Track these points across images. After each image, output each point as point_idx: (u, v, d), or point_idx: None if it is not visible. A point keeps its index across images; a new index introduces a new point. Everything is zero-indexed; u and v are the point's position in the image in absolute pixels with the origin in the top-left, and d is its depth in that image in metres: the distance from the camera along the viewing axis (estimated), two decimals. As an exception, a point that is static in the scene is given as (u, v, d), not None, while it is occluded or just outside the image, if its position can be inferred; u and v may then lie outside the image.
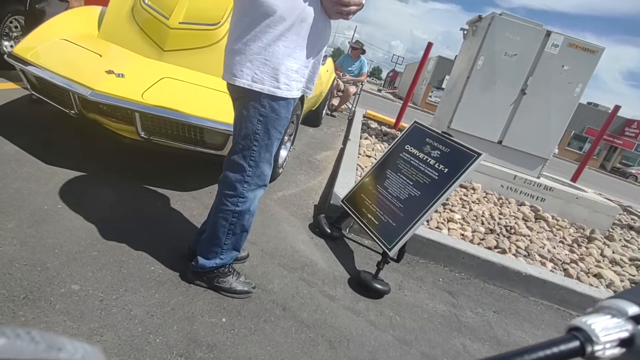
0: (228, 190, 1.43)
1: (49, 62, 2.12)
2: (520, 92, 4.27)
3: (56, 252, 1.50)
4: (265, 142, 1.38)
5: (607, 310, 0.34)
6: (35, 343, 0.16)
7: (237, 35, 1.29)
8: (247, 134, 1.36)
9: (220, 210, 1.45)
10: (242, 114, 1.35)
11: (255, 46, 1.26)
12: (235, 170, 1.41)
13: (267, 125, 1.36)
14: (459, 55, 5.16)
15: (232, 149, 1.43)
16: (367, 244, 2.37)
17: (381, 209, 2.06)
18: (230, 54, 1.31)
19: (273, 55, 1.27)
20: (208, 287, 1.56)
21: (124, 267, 1.53)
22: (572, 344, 0.32)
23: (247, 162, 1.40)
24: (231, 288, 1.55)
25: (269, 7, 1.22)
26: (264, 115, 1.34)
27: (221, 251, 1.50)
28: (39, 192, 1.85)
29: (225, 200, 1.44)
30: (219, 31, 2.46)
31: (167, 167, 2.54)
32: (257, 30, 1.25)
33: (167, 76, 2.21)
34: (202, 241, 1.53)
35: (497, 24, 4.15)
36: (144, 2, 2.49)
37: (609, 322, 0.32)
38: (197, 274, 1.54)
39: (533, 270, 2.42)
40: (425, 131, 2.20)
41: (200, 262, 1.50)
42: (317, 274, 1.91)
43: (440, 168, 1.95)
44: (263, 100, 1.32)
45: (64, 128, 2.62)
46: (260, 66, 1.27)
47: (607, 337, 0.32)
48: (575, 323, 0.33)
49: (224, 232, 1.47)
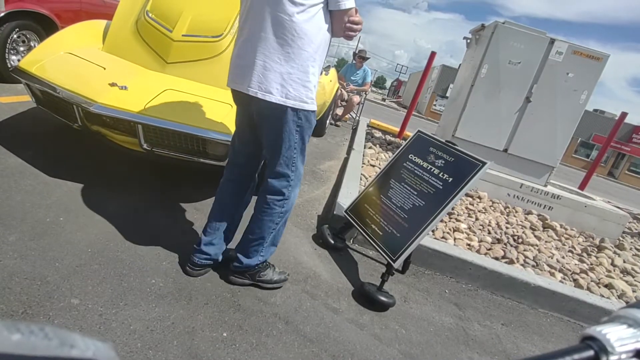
0: (275, 196, 1.59)
1: (53, 76, 2.14)
2: (525, 100, 4.24)
3: (57, 266, 1.48)
4: (301, 148, 1.56)
5: (623, 319, 0.33)
6: (49, 339, 0.17)
7: (268, 53, 1.37)
8: (290, 146, 1.51)
9: (267, 214, 1.59)
10: (280, 128, 1.46)
11: (289, 66, 1.38)
12: (281, 178, 1.57)
13: (303, 134, 1.52)
14: (463, 64, 5.16)
15: (273, 162, 1.56)
16: (371, 255, 2.34)
17: (385, 219, 2.03)
18: (261, 71, 1.38)
19: (304, 74, 1.41)
20: (251, 283, 1.69)
21: (124, 280, 1.52)
22: (586, 354, 0.31)
23: (290, 169, 1.56)
24: (271, 280, 1.71)
25: (305, 35, 1.36)
26: (300, 126, 1.49)
27: (262, 249, 1.65)
28: (42, 204, 1.85)
29: (273, 205, 1.59)
30: (222, 43, 2.47)
31: (170, 178, 2.54)
32: (292, 52, 1.37)
33: (170, 88, 2.21)
34: (244, 243, 1.66)
35: (500, 32, 4.15)
36: (148, 15, 2.52)
37: (625, 332, 0.31)
38: (241, 273, 1.67)
39: (542, 281, 2.37)
40: (429, 140, 2.18)
41: (245, 262, 1.64)
42: (321, 286, 1.88)
43: (445, 177, 1.92)
44: (300, 114, 1.46)
45: (68, 141, 2.63)
46: (292, 83, 1.39)
47: (622, 348, 0.30)
48: (589, 332, 0.32)
49: (269, 233, 1.63)
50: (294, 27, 1.35)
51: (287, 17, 1.34)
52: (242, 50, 1.44)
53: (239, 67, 1.45)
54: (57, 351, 0.17)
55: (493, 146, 4.40)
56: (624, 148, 28.63)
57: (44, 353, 0.16)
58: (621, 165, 29.84)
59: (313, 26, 1.38)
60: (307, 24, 1.36)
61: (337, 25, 1.44)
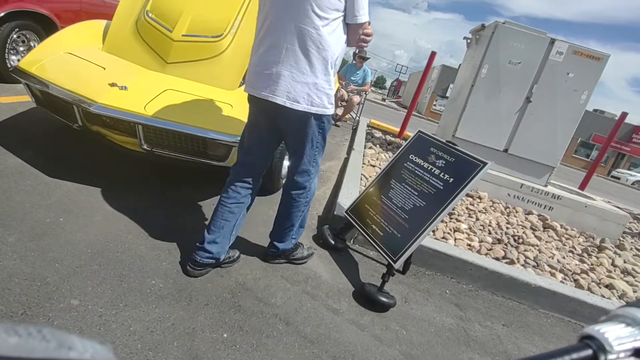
0: (300, 191, 1.78)
1: (53, 76, 2.14)
2: (526, 100, 4.24)
3: (56, 266, 1.48)
4: (322, 146, 1.74)
5: (621, 318, 0.33)
6: (47, 341, 0.17)
7: (295, 64, 1.47)
8: (313, 146, 1.68)
9: (294, 207, 1.80)
10: (306, 132, 1.61)
11: (314, 76, 1.49)
12: (304, 175, 1.75)
13: (324, 134, 1.69)
14: (463, 64, 5.16)
15: (297, 163, 1.72)
16: (371, 255, 2.33)
17: (385, 219, 2.02)
18: (289, 82, 1.48)
19: (327, 82, 1.53)
20: (286, 262, 1.94)
21: (124, 281, 1.51)
22: (585, 353, 0.31)
23: (312, 166, 1.75)
24: (302, 257, 1.98)
25: (328, 47, 1.48)
26: (322, 129, 1.65)
27: (293, 233, 1.88)
28: (41, 205, 1.85)
29: (298, 198, 1.78)
30: (222, 43, 2.46)
31: (170, 178, 2.53)
32: (317, 63, 1.48)
33: (170, 88, 2.21)
34: (277, 231, 1.87)
35: (500, 32, 4.14)
36: (148, 15, 2.51)
37: (623, 331, 0.31)
38: (276, 256, 1.91)
39: (542, 282, 2.36)
40: (429, 140, 2.17)
41: (282, 247, 1.88)
42: (321, 286, 1.87)
43: (446, 178, 1.91)
44: (322, 119, 1.61)
45: (69, 141, 2.63)
46: (317, 92, 1.52)
47: (621, 346, 0.30)
48: (588, 331, 0.32)
49: (297, 220, 1.85)
50: (319, 39, 1.45)
51: (313, 30, 1.44)
52: (265, 60, 1.51)
53: (263, 76, 1.52)
54: (55, 353, 0.17)
55: (493, 146, 4.40)
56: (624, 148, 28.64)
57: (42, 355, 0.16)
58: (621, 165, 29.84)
59: (334, 38, 1.50)
60: (330, 36, 1.47)
61: (352, 37, 1.57)
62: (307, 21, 1.43)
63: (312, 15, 1.42)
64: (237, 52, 2.49)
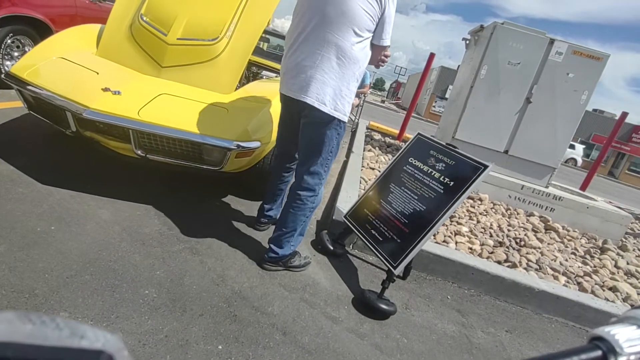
0: (308, 192, 1.83)
1: (45, 81, 2.10)
2: (525, 100, 4.21)
3: (46, 277, 1.44)
4: (336, 153, 1.84)
5: (632, 320, 0.32)
6: (60, 330, 0.17)
7: (328, 71, 1.65)
8: (329, 150, 1.79)
9: (300, 209, 1.84)
10: (325, 134, 1.74)
11: (340, 83, 1.67)
12: (315, 177, 1.83)
13: (339, 141, 1.81)
14: (462, 65, 5.13)
15: (310, 161, 1.81)
16: (371, 260, 2.29)
17: (385, 224, 1.98)
18: (320, 85, 1.65)
19: (349, 92, 1.72)
20: (283, 269, 1.91)
21: (116, 291, 1.47)
22: (594, 354, 0.30)
23: (323, 169, 1.83)
24: (300, 264, 1.95)
25: (357, 61, 1.68)
26: (339, 135, 1.78)
27: (292, 240, 1.89)
28: (33, 213, 1.81)
29: (306, 201, 1.84)
30: (218, 46, 2.43)
31: (166, 184, 2.49)
32: (346, 73, 1.67)
33: (165, 92, 2.17)
34: (277, 236, 1.88)
35: (499, 33, 4.11)
36: (142, 19, 2.48)
37: (634, 333, 0.31)
38: (274, 261, 1.89)
39: (546, 286, 2.32)
40: (429, 143, 2.13)
41: (280, 252, 1.87)
42: (320, 294, 1.83)
43: (446, 181, 1.87)
44: (341, 124, 1.76)
45: (62, 147, 2.59)
46: (341, 99, 1.69)
47: (631, 349, 0.30)
48: (598, 332, 0.32)
49: (300, 224, 1.88)
50: (352, 54, 1.65)
51: (349, 44, 1.64)
52: (302, 65, 1.69)
53: (297, 79, 1.70)
54: (68, 341, 0.17)
55: (494, 147, 4.36)
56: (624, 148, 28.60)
57: (55, 343, 0.17)
58: (621, 164, 29.79)
59: (363, 54, 1.71)
60: (360, 52, 1.68)
61: (374, 56, 1.79)
62: (346, 37, 1.63)
63: (351, 33, 1.63)
64: (233, 55, 2.45)
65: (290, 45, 1.77)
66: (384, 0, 1.65)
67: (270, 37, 5.63)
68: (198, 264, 1.76)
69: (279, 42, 6.57)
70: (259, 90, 2.62)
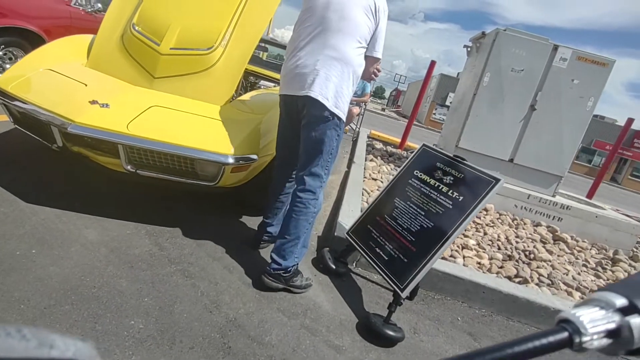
0: (309, 196, 1.79)
1: (30, 94, 1.99)
2: (530, 108, 4.10)
3: (21, 308, 1.31)
4: (335, 155, 1.84)
5: (595, 302, 0.34)
6: (27, 340, 0.16)
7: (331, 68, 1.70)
8: (329, 151, 1.79)
9: (303, 214, 1.78)
10: (325, 134, 1.74)
11: (342, 83, 1.73)
12: (316, 179, 1.81)
13: (338, 144, 1.82)
14: (464, 73, 5.04)
15: (311, 162, 1.79)
16: (376, 279, 2.16)
17: (390, 242, 1.86)
18: (324, 81, 1.69)
19: (348, 94, 1.77)
20: (284, 287, 1.78)
21: (99, 322, 1.34)
22: (561, 335, 0.31)
23: (323, 171, 1.82)
24: (301, 285, 1.83)
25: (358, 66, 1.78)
26: (339, 136, 1.80)
27: (296, 251, 1.80)
28: (13, 235, 1.68)
29: (307, 204, 1.79)
30: (212, 55, 2.33)
31: (159, 201, 2.37)
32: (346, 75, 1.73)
33: (156, 104, 2.06)
34: (280, 245, 1.80)
35: (501, 39, 4.03)
36: (134, 29, 2.38)
37: (597, 314, 0.32)
38: (276, 276, 1.76)
39: (561, 304, 2.19)
40: (435, 155, 2.02)
41: (284, 263, 1.76)
42: (322, 319, 1.70)
43: (455, 196, 1.75)
44: (340, 124, 1.78)
45: (51, 163, 2.47)
46: (341, 97, 1.73)
47: (594, 329, 0.31)
48: (564, 315, 0.33)
49: (303, 233, 1.80)
50: (352, 57, 1.74)
51: (350, 48, 1.73)
52: (305, 63, 1.74)
53: (300, 75, 1.74)
54: (36, 352, 0.16)
55: (498, 156, 4.25)
56: (626, 153, 28.51)
57: (23, 355, 0.16)
58: (624, 170, 29.67)
59: (360, 60, 1.80)
60: (359, 57, 1.78)
61: (367, 68, 1.86)
62: (347, 42, 1.73)
63: (352, 39, 1.73)
64: (228, 65, 2.35)
65: (293, 50, 1.82)
66: (378, 15, 1.78)
67: (269, 46, 5.56)
68: (190, 289, 1.64)
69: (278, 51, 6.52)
70: (256, 100, 2.52)
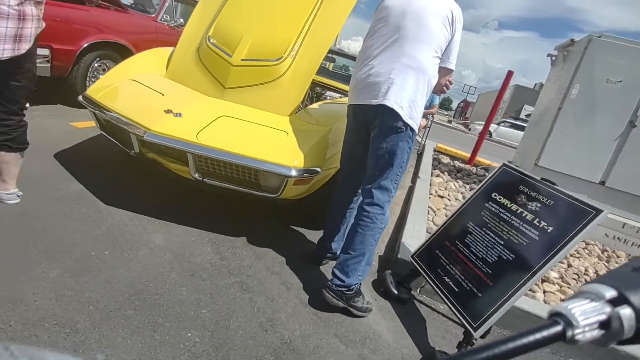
0: (377, 210, 1.71)
1: (114, 103, 2.13)
2: (629, 124, 3.60)
3: (90, 310, 1.36)
4: (406, 168, 1.77)
5: (586, 295, 0.34)
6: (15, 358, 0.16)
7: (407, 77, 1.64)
8: (399, 163, 1.71)
9: (370, 229, 1.70)
10: (397, 145, 1.66)
11: (416, 93, 1.66)
12: (384, 192, 1.72)
13: (409, 157, 1.75)
14: (547, 84, 4.60)
15: (380, 175, 1.71)
16: (442, 309, 1.97)
17: (461, 271, 1.68)
18: (399, 89, 1.63)
19: (421, 106, 1.69)
20: (344, 307, 1.69)
21: (158, 331, 1.35)
22: (554, 329, 0.32)
23: (392, 185, 1.73)
24: (362, 307, 1.72)
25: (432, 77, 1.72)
26: (410, 149, 1.72)
27: (360, 268, 1.72)
28: (91, 235, 1.79)
29: (375, 219, 1.70)
30: (281, 66, 2.33)
31: (224, 209, 2.41)
32: (420, 85, 1.66)
33: (225, 114, 2.10)
34: (344, 261, 1.71)
35: (595, 47, 3.60)
36: (209, 41, 2.47)
37: (587, 306, 0.32)
38: (338, 293, 1.68)
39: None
40: (518, 176, 1.80)
41: (347, 281, 1.68)
42: (381, 350, 1.57)
43: (542, 226, 1.53)
44: (412, 136, 1.70)
45: (132, 168, 2.63)
46: (414, 108, 1.66)
47: (586, 321, 0.32)
48: (556, 309, 0.33)
49: (369, 249, 1.72)
50: (428, 67, 1.68)
51: (426, 58, 1.67)
52: (375, 72, 1.69)
53: (373, 84, 1.68)
54: None
55: (586, 177, 3.78)
56: None
57: None
58: None
59: (435, 71, 1.73)
60: (434, 67, 1.71)
61: (439, 80, 1.78)
62: (423, 51, 1.66)
63: (428, 48, 1.67)
64: (296, 75, 2.34)
65: (365, 59, 1.77)
66: (454, 25, 1.71)
67: (336, 56, 5.56)
68: (247, 303, 1.60)
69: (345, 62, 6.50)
70: (323, 111, 2.47)
